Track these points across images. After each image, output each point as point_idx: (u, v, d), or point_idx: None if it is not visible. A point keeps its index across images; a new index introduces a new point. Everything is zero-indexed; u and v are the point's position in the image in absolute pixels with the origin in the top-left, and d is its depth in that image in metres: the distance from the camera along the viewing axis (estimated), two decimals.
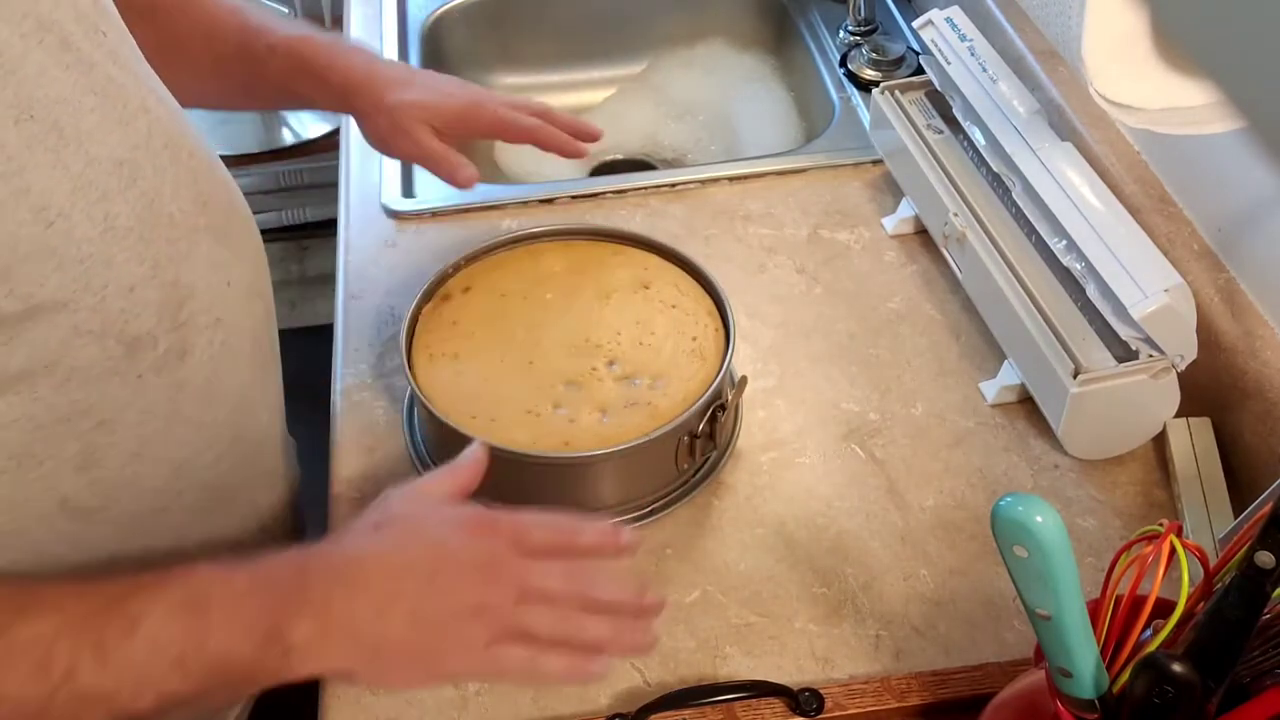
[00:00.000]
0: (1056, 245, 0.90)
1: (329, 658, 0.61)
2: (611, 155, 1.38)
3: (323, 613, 0.61)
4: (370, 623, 0.62)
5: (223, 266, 0.74)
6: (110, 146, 0.64)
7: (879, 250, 1.05)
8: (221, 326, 0.73)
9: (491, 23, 1.42)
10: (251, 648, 0.60)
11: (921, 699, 0.72)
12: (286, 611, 0.61)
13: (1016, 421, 0.91)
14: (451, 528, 0.66)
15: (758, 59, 1.44)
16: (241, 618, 0.60)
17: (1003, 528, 0.52)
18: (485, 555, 0.65)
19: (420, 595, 0.63)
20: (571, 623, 0.65)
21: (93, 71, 0.64)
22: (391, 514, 0.67)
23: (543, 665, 0.65)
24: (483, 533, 0.66)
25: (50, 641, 0.58)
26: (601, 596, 0.67)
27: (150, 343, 0.67)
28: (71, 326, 0.62)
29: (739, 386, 0.86)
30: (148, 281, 0.66)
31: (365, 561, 0.64)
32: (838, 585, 0.80)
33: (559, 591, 0.65)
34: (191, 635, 0.59)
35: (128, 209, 0.65)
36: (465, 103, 0.89)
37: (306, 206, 2.08)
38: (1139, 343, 0.83)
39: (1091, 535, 0.83)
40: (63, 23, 0.62)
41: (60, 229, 0.60)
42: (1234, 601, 0.52)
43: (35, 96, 0.59)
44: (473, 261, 0.93)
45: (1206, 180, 0.88)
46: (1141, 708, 0.54)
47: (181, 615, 0.60)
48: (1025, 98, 0.96)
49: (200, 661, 0.59)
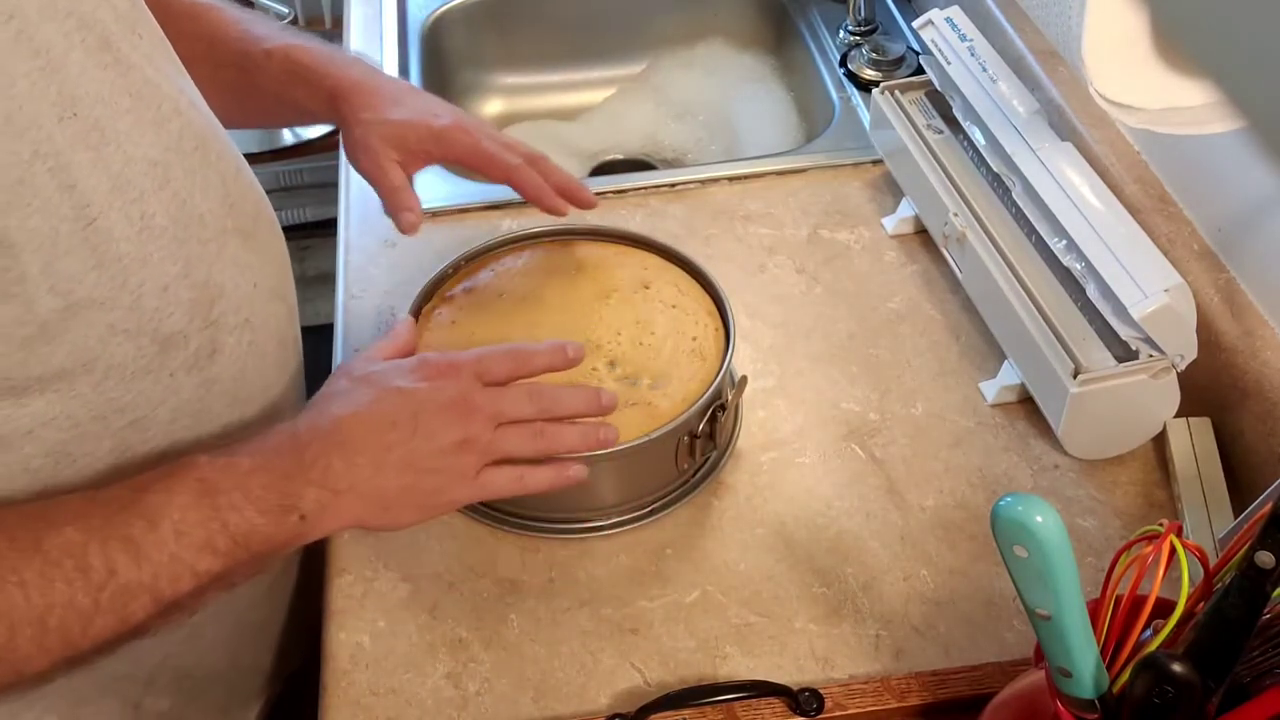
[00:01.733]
0: (1056, 245, 0.90)
1: (341, 517, 0.67)
2: (611, 155, 1.38)
3: (326, 478, 0.66)
4: (371, 479, 0.67)
5: (249, 268, 0.75)
6: (145, 147, 0.65)
7: (879, 250, 1.05)
8: (249, 327, 0.74)
9: (491, 23, 1.42)
10: (268, 521, 0.64)
11: (921, 699, 0.72)
12: (293, 483, 0.65)
13: (1016, 421, 0.91)
14: (417, 377, 0.71)
15: (758, 59, 1.44)
16: (252, 495, 0.64)
17: (1003, 528, 0.52)
18: (456, 394, 0.70)
19: (408, 442, 0.68)
20: (546, 437, 0.73)
21: (130, 73, 0.65)
22: (357, 377, 0.72)
23: (530, 480, 0.73)
24: (447, 374, 0.71)
25: (82, 547, 0.60)
26: (566, 409, 0.74)
27: (182, 341, 0.69)
28: (108, 325, 0.64)
29: (739, 386, 0.86)
30: (180, 281, 0.68)
31: (351, 422, 0.68)
32: (838, 585, 0.80)
33: (530, 413, 0.72)
34: (213, 518, 0.63)
35: (162, 209, 0.66)
36: (447, 125, 0.86)
37: (306, 206, 2.08)
38: (1139, 343, 0.83)
39: (1091, 535, 0.83)
40: (104, 23, 0.63)
41: (101, 227, 0.62)
42: (1234, 601, 0.52)
43: (77, 95, 0.60)
44: (473, 261, 0.93)
45: (1206, 180, 0.88)
46: (1141, 708, 0.54)
47: (198, 503, 0.63)
48: (1025, 98, 0.96)
49: (225, 539, 0.63)
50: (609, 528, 0.83)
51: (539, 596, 0.80)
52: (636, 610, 0.79)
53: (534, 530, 0.83)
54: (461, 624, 0.79)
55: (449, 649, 0.78)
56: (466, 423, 0.69)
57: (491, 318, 0.88)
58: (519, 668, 0.76)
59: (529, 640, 0.78)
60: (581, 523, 0.84)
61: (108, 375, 0.65)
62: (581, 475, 0.74)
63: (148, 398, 0.68)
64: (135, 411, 0.67)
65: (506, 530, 0.84)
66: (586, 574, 0.82)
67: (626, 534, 0.84)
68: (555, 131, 1.39)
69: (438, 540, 0.83)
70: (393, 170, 0.84)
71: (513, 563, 0.82)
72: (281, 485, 0.65)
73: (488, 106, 1.45)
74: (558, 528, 0.83)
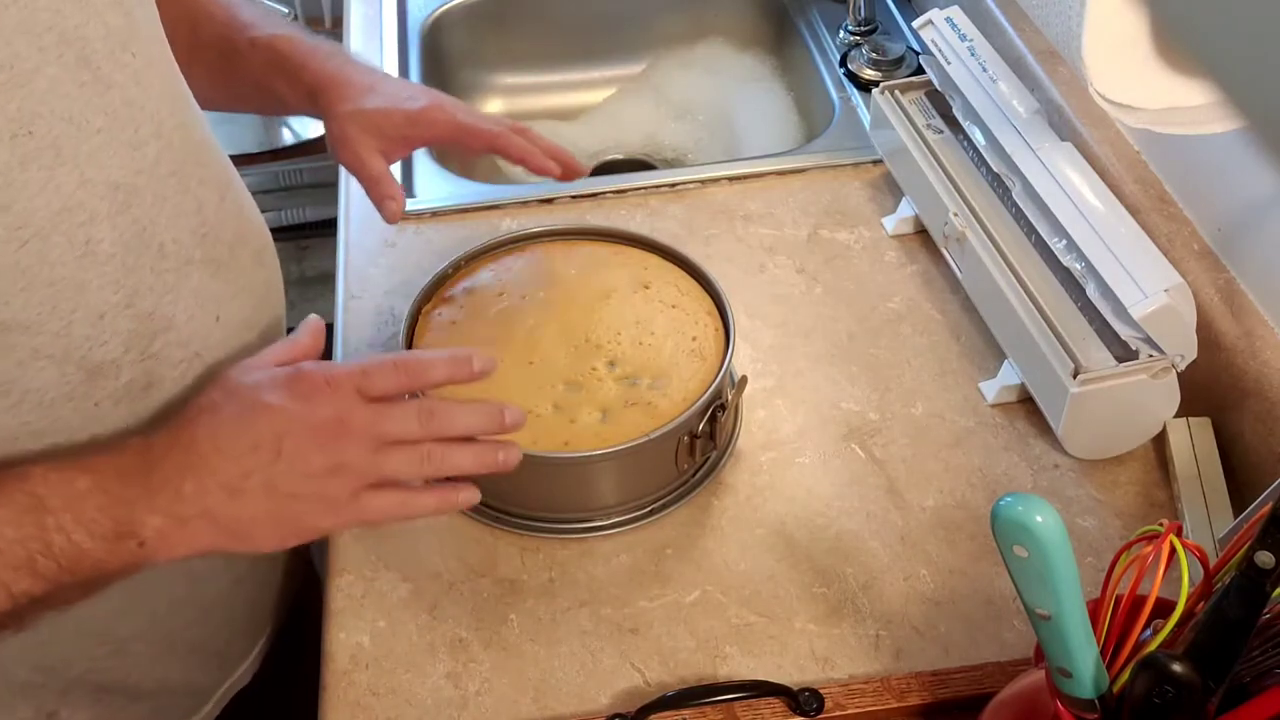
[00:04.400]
0: (1056, 245, 0.90)
1: (189, 543, 0.62)
2: (611, 155, 1.38)
3: (175, 504, 0.61)
4: (225, 504, 0.62)
5: (214, 300, 0.72)
6: (110, 170, 0.63)
7: (879, 250, 1.05)
8: (199, 361, 0.71)
9: (491, 23, 1.42)
10: (99, 546, 0.59)
11: (921, 699, 0.72)
12: (135, 508, 0.60)
13: (1016, 421, 0.91)
14: (289, 393, 0.64)
15: (758, 59, 1.44)
16: (85, 518, 0.59)
17: (1003, 528, 0.52)
18: (330, 414, 0.64)
19: (269, 467, 0.62)
20: (434, 460, 0.66)
21: (109, 92, 0.62)
22: (229, 388, 0.65)
23: (413, 505, 0.67)
24: (323, 390, 0.64)
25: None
26: (460, 428, 0.67)
27: (113, 371, 0.66)
28: (31, 349, 0.61)
29: (739, 386, 0.86)
30: (120, 311, 0.65)
31: (210, 443, 0.62)
32: (838, 585, 0.80)
33: (417, 433, 0.65)
34: (35, 538, 0.58)
35: (113, 235, 0.64)
36: (423, 106, 0.84)
37: (306, 206, 2.08)
38: (1139, 343, 0.83)
39: (1091, 535, 0.83)
40: (89, 40, 0.61)
41: (34, 249, 0.59)
42: (1234, 601, 0.52)
43: (39, 112, 0.58)
44: (473, 261, 0.93)
45: (1206, 180, 0.88)
46: (1141, 708, 0.54)
47: (21, 519, 0.58)
48: (1025, 98, 0.96)
49: (48, 562, 0.59)
50: (609, 528, 0.83)
51: (539, 596, 0.80)
52: (636, 610, 0.79)
53: (534, 530, 0.84)
54: (461, 624, 0.79)
55: (449, 649, 0.78)
56: (338, 446, 0.63)
57: (491, 318, 0.88)
58: (519, 668, 0.76)
59: (529, 640, 0.78)
60: (582, 523, 0.84)
61: (24, 399, 0.62)
62: (473, 500, 0.69)
63: (67, 424, 0.65)
64: (52, 437, 0.64)
65: (506, 530, 0.84)
66: (586, 574, 0.82)
67: (626, 534, 0.84)
68: (555, 131, 1.39)
69: (438, 540, 0.83)
70: (372, 159, 0.83)
71: (513, 563, 0.82)
72: (120, 510, 0.60)
73: (488, 107, 1.45)
74: (558, 528, 0.83)
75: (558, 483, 0.83)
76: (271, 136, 2.02)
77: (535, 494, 0.82)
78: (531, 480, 0.81)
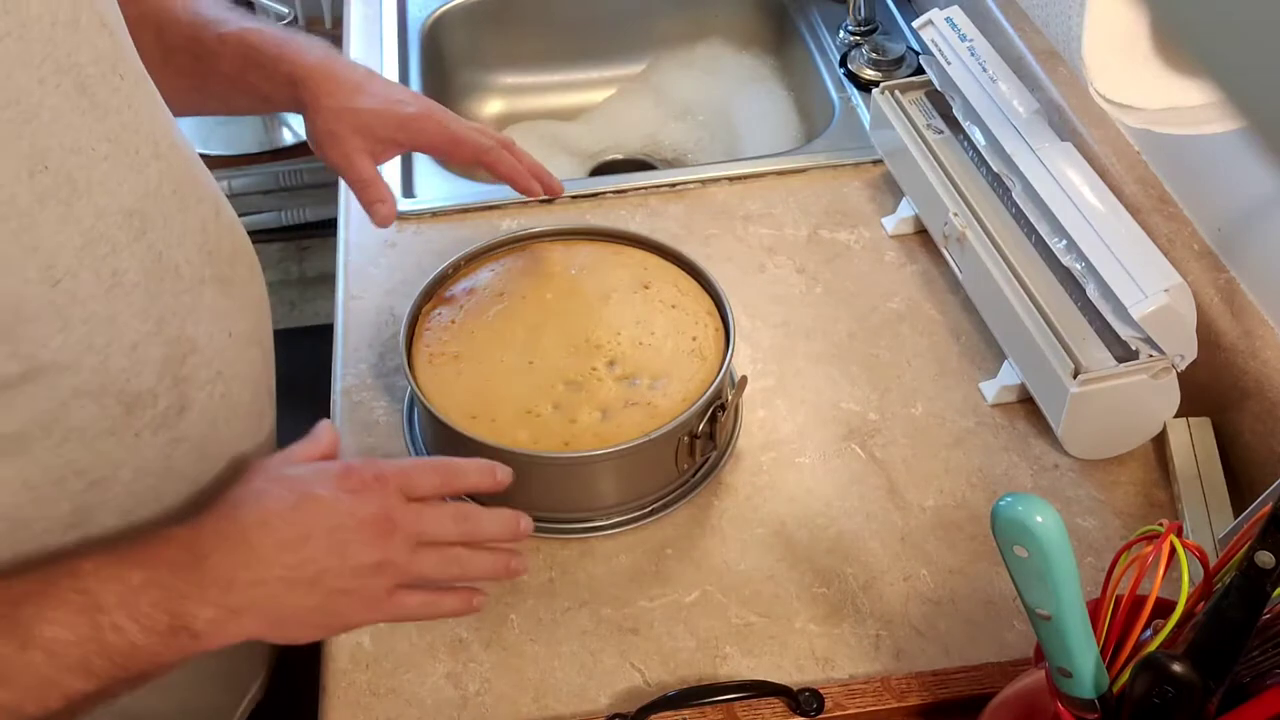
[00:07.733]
0: (1056, 245, 0.90)
1: (235, 633, 0.62)
2: (611, 155, 1.38)
3: (226, 596, 0.60)
4: (276, 596, 0.62)
5: (225, 316, 0.72)
6: (120, 196, 0.62)
7: (879, 250, 1.05)
8: (222, 379, 0.71)
9: (491, 23, 1.42)
10: (155, 640, 0.59)
11: (921, 699, 0.72)
12: (187, 603, 0.59)
13: (1016, 421, 0.91)
14: (338, 486, 0.65)
15: (758, 59, 1.44)
16: (139, 614, 0.58)
17: (1003, 528, 0.52)
18: (378, 510, 0.65)
19: (322, 560, 0.62)
20: (461, 563, 0.68)
21: (108, 118, 0.61)
22: (273, 477, 0.65)
23: (439, 606, 0.69)
24: (371, 487, 0.65)
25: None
26: (486, 534, 0.70)
27: (150, 400, 0.65)
28: (72, 388, 0.61)
29: (739, 386, 0.86)
30: (151, 338, 0.65)
31: (260, 532, 0.62)
32: (838, 585, 0.80)
33: (453, 535, 0.68)
34: (90, 639, 0.58)
35: (135, 263, 0.63)
36: (416, 111, 0.84)
37: (306, 206, 2.08)
38: (1139, 343, 0.83)
39: (1091, 535, 0.83)
40: (82, 65, 0.60)
41: (66, 288, 0.59)
42: (1234, 601, 0.52)
43: (50, 146, 0.57)
44: (473, 261, 0.93)
45: (1206, 180, 0.88)
46: (1141, 708, 0.54)
47: (77, 619, 0.57)
48: (1025, 98, 0.96)
49: (103, 661, 0.58)
50: (609, 528, 0.83)
51: (539, 596, 0.80)
52: (636, 610, 0.79)
53: (534, 530, 0.83)
54: (461, 624, 0.79)
55: (449, 649, 0.78)
56: (386, 543, 0.64)
57: (491, 318, 0.88)
58: (519, 668, 0.76)
59: (529, 640, 0.78)
60: (582, 523, 0.84)
61: (67, 438, 0.61)
62: (483, 606, 0.71)
63: (110, 459, 0.64)
64: (96, 473, 0.64)
65: None
66: (586, 574, 0.82)
67: (626, 534, 0.84)
68: (555, 131, 1.39)
69: None
70: (362, 162, 0.82)
71: None
72: (174, 604, 0.59)
73: (488, 106, 1.45)
74: (558, 528, 0.83)
75: (558, 483, 0.83)
76: (271, 136, 2.02)
77: (535, 494, 0.82)
78: (532, 480, 0.81)
